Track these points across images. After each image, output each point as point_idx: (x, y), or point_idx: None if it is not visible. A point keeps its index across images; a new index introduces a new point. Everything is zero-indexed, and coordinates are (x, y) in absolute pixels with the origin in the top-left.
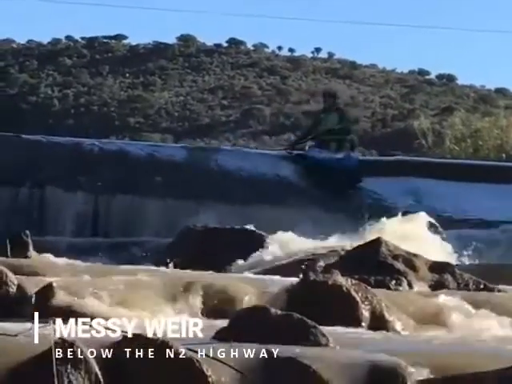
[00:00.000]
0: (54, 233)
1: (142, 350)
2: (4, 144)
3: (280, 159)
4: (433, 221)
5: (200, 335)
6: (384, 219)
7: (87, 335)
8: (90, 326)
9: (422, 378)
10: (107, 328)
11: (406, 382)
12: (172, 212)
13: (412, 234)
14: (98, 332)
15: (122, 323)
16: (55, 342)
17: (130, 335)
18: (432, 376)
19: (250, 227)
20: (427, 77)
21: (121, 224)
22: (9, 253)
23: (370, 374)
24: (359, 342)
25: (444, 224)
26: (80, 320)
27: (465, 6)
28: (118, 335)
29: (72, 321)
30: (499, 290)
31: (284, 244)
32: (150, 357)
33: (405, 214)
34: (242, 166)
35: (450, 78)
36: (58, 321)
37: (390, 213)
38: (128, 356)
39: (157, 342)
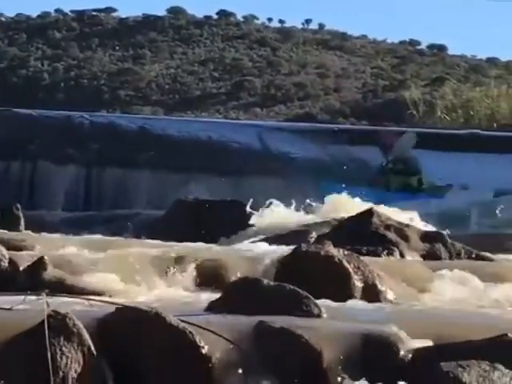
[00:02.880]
0: (46, 206)
1: (134, 322)
2: None
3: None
4: None
5: (193, 307)
6: None
7: (80, 308)
8: (83, 298)
9: (415, 347)
10: (100, 301)
11: (399, 350)
12: (163, 184)
13: None
14: (90, 305)
15: (115, 296)
16: (48, 314)
17: (122, 307)
18: (426, 344)
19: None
20: (418, 47)
21: (112, 197)
22: None
23: (363, 344)
24: (352, 312)
25: None
26: (72, 293)
27: None
28: (110, 307)
29: (64, 294)
30: (491, 260)
31: (276, 215)
32: (142, 328)
33: None
34: (233, 138)
35: (441, 48)
36: (50, 294)
37: None
38: (121, 328)
39: (149, 314)
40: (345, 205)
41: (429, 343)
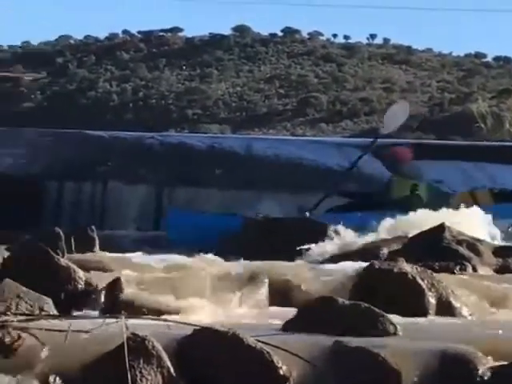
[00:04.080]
0: (118, 226)
1: (212, 344)
2: (67, 140)
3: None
4: None
5: (268, 326)
6: None
7: (158, 329)
8: (161, 320)
9: (493, 365)
10: (177, 322)
11: (476, 369)
12: (233, 202)
13: None
14: (168, 326)
15: (191, 316)
16: (127, 337)
17: (200, 329)
18: (501, 362)
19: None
20: (484, 59)
21: None
22: (73, 248)
23: (439, 362)
24: (427, 329)
25: None
26: (150, 314)
27: None
28: (188, 328)
29: (142, 316)
30: None
31: (346, 232)
32: (221, 350)
33: None
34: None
35: (507, 60)
36: (129, 316)
37: None
38: (199, 350)
39: (227, 335)
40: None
41: (505, 361)
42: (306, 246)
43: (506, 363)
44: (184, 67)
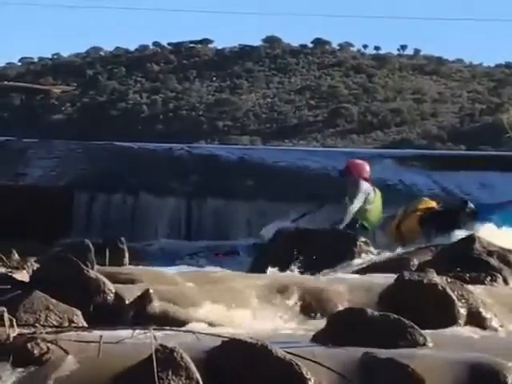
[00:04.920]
0: (148, 238)
1: (241, 355)
2: (97, 152)
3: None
4: None
5: (298, 338)
6: None
7: (187, 341)
8: (190, 332)
9: None
10: (206, 333)
11: (506, 380)
12: (263, 214)
13: None
14: (197, 337)
15: (220, 328)
16: (156, 348)
17: (229, 340)
18: None
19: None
20: None
21: (213, 227)
22: (107, 261)
23: (469, 374)
24: (457, 341)
25: None
26: (178, 325)
27: None
28: (217, 340)
29: (171, 327)
30: None
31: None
32: (249, 361)
33: None
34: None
35: None
36: (158, 328)
37: None
38: (228, 361)
39: (256, 347)
40: None
41: None
42: (337, 259)
43: None
44: (214, 78)
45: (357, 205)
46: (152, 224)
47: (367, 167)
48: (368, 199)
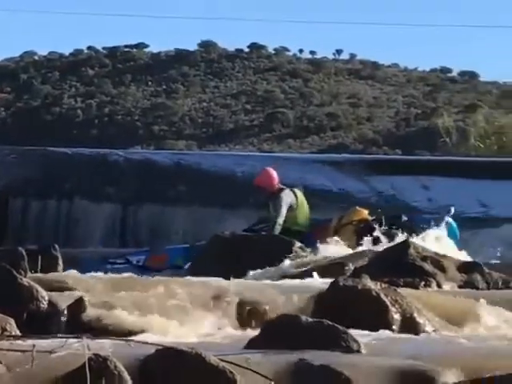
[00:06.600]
0: (83, 244)
1: (174, 363)
2: (32, 157)
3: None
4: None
5: (232, 345)
6: None
7: (120, 349)
8: (123, 340)
9: (452, 382)
10: (140, 342)
11: None
12: (200, 219)
13: None
14: (130, 346)
15: (154, 336)
16: (89, 357)
17: (162, 348)
18: (462, 379)
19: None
20: (449, 74)
21: (149, 233)
22: (39, 268)
23: (402, 380)
24: (390, 346)
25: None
26: (112, 332)
27: (483, 3)
28: (150, 348)
29: (104, 336)
30: None
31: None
32: (183, 369)
33: None
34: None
35: (473, 75)
36: (91, 337)
37: None
38: (161, 369)
39: (189, 354)
40: None
41: (466, 377)
42: (272, 263)
43: (465, 380)
44: (150, 83)
45: (282, 216)
46: (87, 230)
47: (274, 173)
48: (292, 206)
